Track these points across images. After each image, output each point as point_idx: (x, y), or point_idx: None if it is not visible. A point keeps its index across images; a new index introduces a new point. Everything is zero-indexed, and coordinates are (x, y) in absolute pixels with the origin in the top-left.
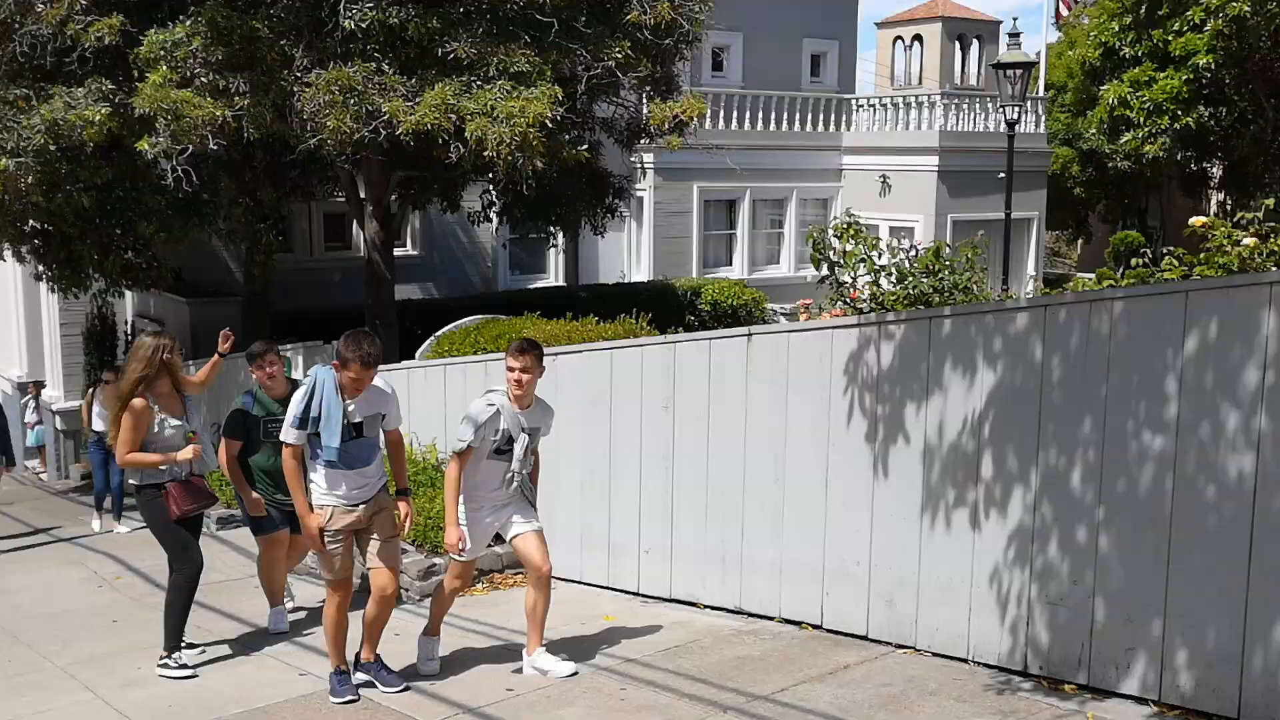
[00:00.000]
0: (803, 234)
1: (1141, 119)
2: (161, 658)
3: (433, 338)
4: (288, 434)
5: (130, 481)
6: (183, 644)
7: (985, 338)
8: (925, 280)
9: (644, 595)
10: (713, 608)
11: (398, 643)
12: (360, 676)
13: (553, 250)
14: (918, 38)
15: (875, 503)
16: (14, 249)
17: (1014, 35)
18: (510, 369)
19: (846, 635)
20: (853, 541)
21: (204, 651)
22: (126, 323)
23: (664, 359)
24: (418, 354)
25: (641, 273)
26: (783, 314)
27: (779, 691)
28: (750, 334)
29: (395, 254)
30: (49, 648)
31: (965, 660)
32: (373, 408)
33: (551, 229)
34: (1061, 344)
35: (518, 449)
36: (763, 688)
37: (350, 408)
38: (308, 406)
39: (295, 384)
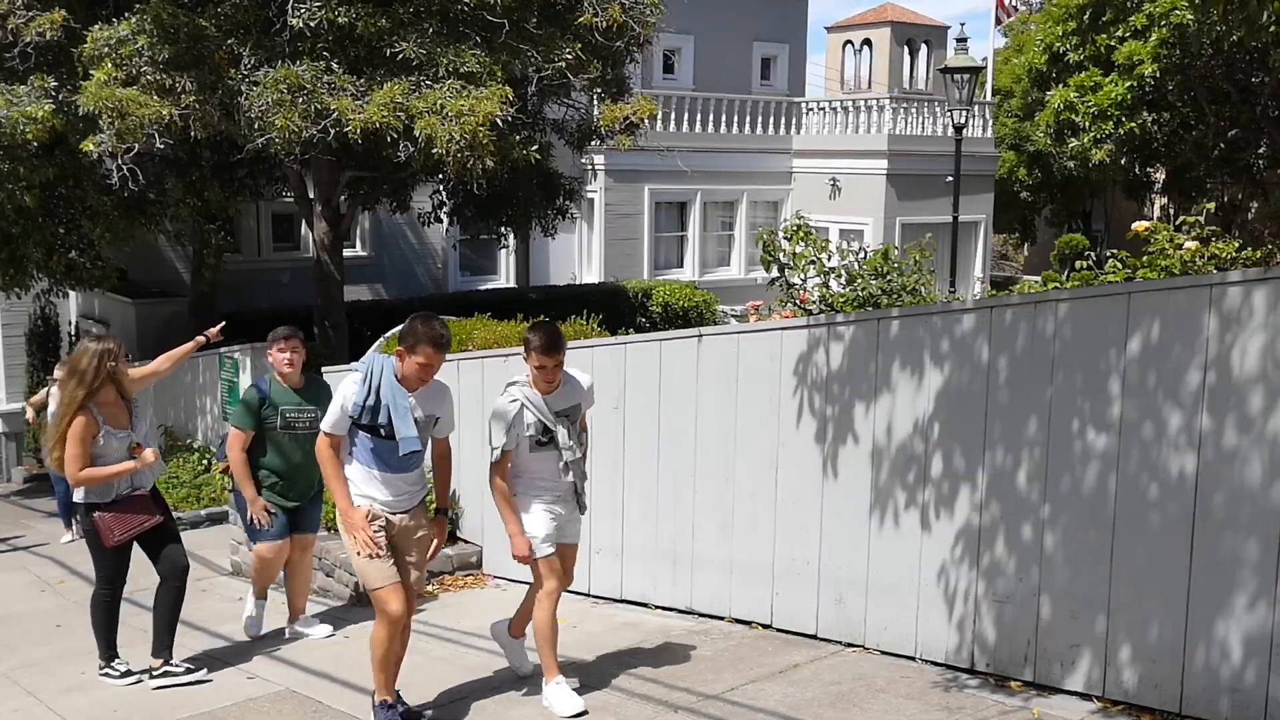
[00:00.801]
0: (753, 236)
1: (1087, 124)
2: (101, 667)
3: (382, 338)
4: (331, 422)
5: (74, 498)
6: (117, 651)
7: (933, 339)
8: (874, 282)
9: (595, 596)
10: (664, 608)
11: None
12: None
13: (503, 251)
14: (867, 42)
15: (825, 502)
16: None
17: (961, 40)
18: (540, 368)
19: (796, 634)
20: (802, 541)
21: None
22: (70, 323)
23: (615, 360)
24: (367, 354)
25: (592, 274)
26: (733, 316)
27: (729, 691)
28: (701, 335)
29: (345, 255)
30: None
31: (913, 658)
32: (430, 407)
33: (502, 230)
34: (1008, 345)
35: (561, 436)
36: (713, 687)
37: (410, 400)
38: (365, 394)
39: (312, 377)
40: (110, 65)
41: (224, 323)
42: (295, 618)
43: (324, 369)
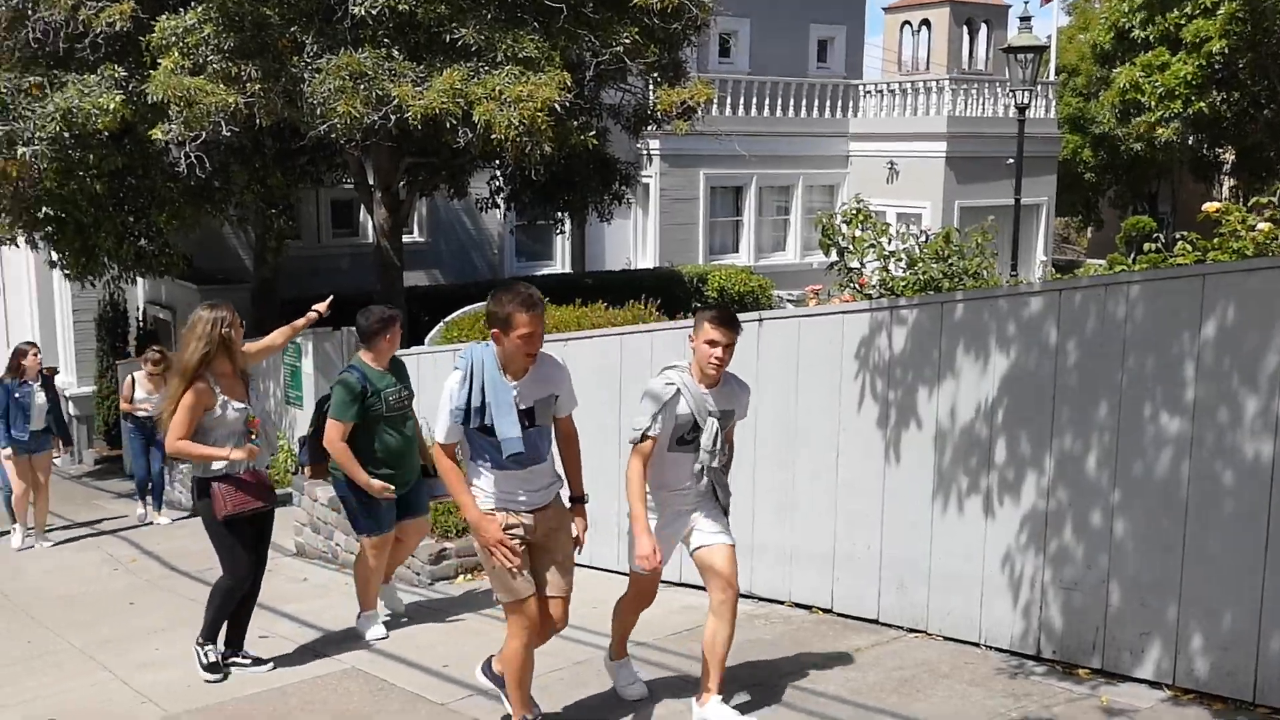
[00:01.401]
0: (809, 221)
1: (1153, 103)
2: (198, 640)
3: (441, 324)
4: (444, 430)
5: (184, 468)
6: (216, 642)
7: (999, 322)
8: (935, 266)
9: (664, 581)
10: None
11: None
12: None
13: (559, 237)
14: (925, 22)
15: (886, 487)
16: (28, 236)
17: (1024, 19)
18: (712, 343)
19: (857, 619)
20: (864, 526)
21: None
22: (138, 309)
23: (673, 345)
24: (426, 340)
25: (647, 259)
26: (789, 300)
27: (790, 674)
28: (761, 319)
29: (403, 240)
30: (67, 629)
31: (977, 644)
32: (544, 387)
33: (558, 215)
34: (1077, 328)
35: (705, 437)
36: (774, 671)
37: (516, 391)
38: (468, 395)
39: (396, 359)
40: (177, 54)
41: (331, 297)
42: (384, 580)
43: None
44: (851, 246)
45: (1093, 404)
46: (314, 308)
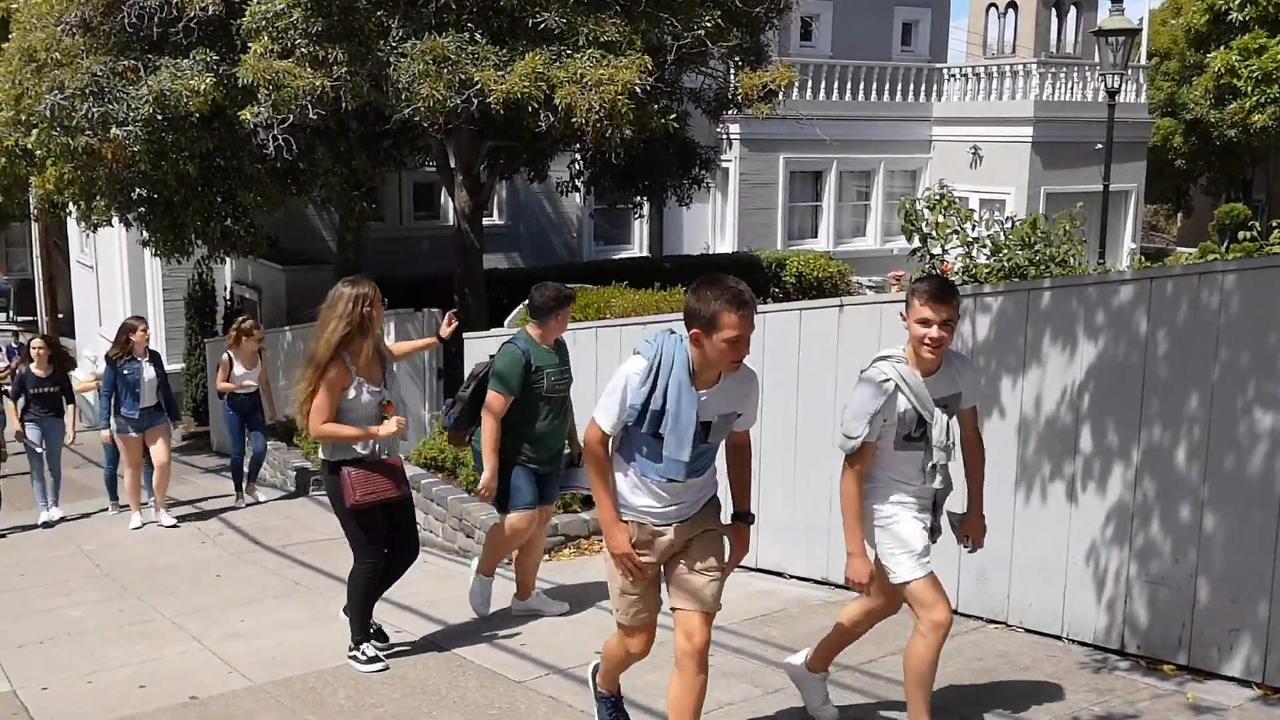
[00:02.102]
0: (890, 206)
1: (1250, 88)
2: (350, 648)
3: (520, 306)
4: (609, 417)
5: (320, 455)
6: (370, 636)
7: (1087, 310)
8: (1021, 253)
9: None
10: (799, 578)
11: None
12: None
13: (638, 221)
14: (1012, 4)
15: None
16: (121, 215)
17: (1116, 1)
18: (924, 322)
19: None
20: (943, 515)
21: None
22: (225, 289)
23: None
24: (505, 322)
25: (726, 244)
26: (869, 287)
27: (867, 662)
28: (842, 305)
29: (483, 223)
30: (157, 600)
31: (1059, 637)
32: (731, 401)
33: (637, 199)
34: (1168, 318)
35: (935, 431)
36: (851, 658)
37: (703, 398)
38: (649, 394)
39: (561, 342)
40: (267, 38)
41: (455, 325)
42: (526, 595)
43: (465, 335)
44: (934, 232)
45: (1183, 395)
46: (439, 333)
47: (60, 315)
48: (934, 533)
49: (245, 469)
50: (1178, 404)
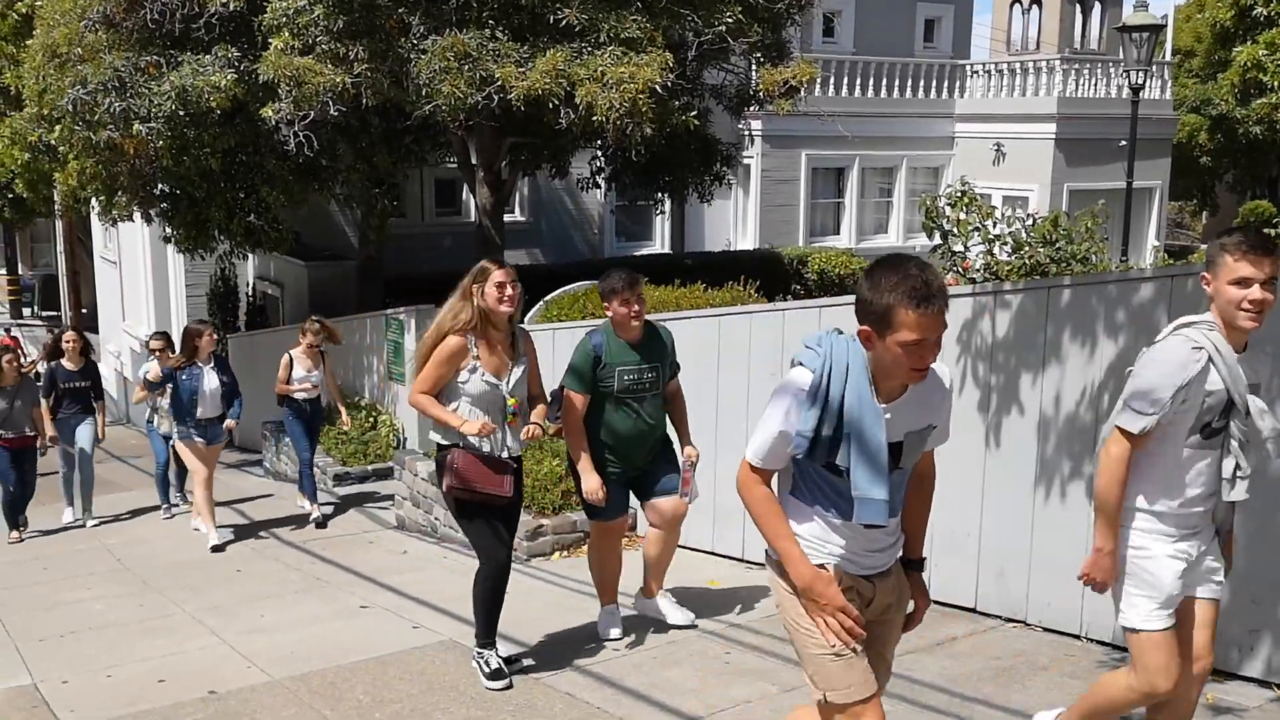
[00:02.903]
0: (912, 203)
1: (1276, 83)
2: (474, 652)
3: (541, 303)
4: (760, 450)
5: (431, 435)
6: (495, 644)
7: (1107, 308)
8: (1042, 250)
9: (748, 561)
10: None
11: None
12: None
13: (659, 217)
14: (1036, 0)
15: (987, 473)
16: (144, 211)
17: None
18: (1243, 281)
19: (954, 607)
20: (962, 512)
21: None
22: (248, 284)
23: (773, 327)
24: (525, 319)
25: (747, 241)
26: None
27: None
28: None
29: (505, 220)
30: (178, 594)
31: (1078, 637)
32: (922, 414)
33: (659, 196)
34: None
35: (1236, 426)
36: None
37: (888, 415)
38: (819, 417)
39: (652, 328)
40: (288, 35)
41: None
42: (649, 594)
43: None
44: (955, 229)
45: None
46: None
47: (84, 310)
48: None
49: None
50: None
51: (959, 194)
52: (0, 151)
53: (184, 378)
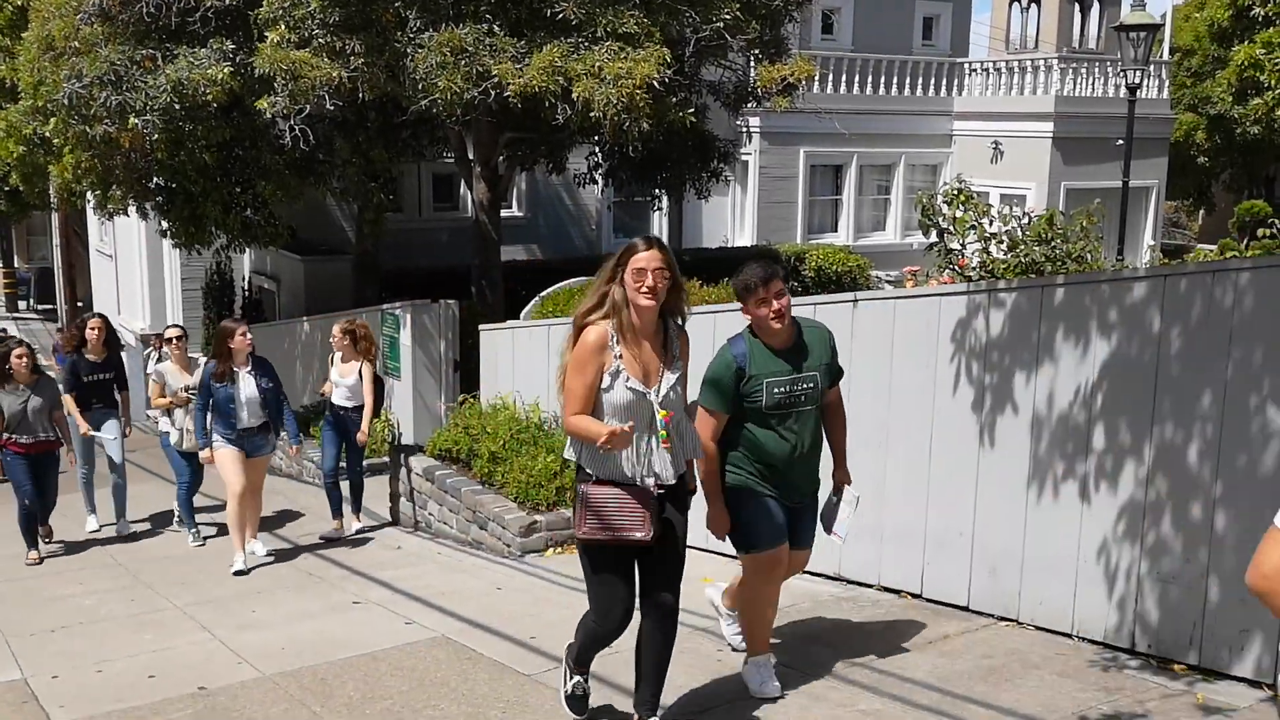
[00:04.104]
0: (910, 201)
1: (1273, 82)
2: (565, 668)
3: (537, 298)
4: None
5: (566, 455)
6: (585, 670)
7: (1100, 307)
8: (1038, 249)
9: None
10: (811, 573)
11: None
12: None
13: (656, 213)
14: None
15: (980, 472)
16: (139, 205)
17: None
18: None
19: (947, 605)
20: (956, 511)
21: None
22: (244, 279)
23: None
24: (522, 314)
25: (745, 237)
26: (888, 281)
27: (877, 659)
28: (856, 299)
29: (502, 215)
30: (169, 589)
31: (1070, 635)
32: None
33: (656, 192)
34: (1181, 316)
35: None
36: (861, 654)
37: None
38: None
39: (805, 324)
40: (284, 28)
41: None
42: (757, 652)
43: (480, 327)
44: (952, 227)
45: (1196, 393)
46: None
47: (80, 304)
48: None
49: (346, 493)
50: (1190, 402)
51: (956, 192)
52: None
53: (217, 384)
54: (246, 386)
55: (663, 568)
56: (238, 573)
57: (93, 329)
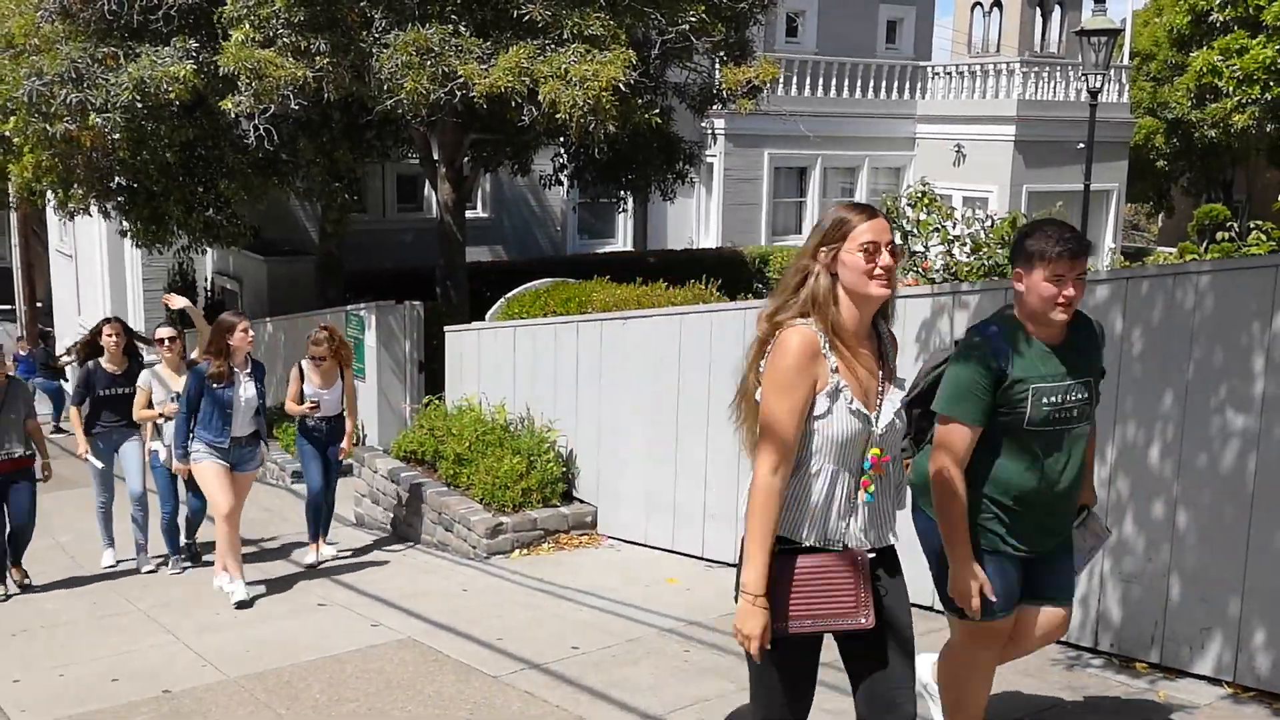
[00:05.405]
0: (874, 203)
1: (1231, 88)
2: None
3: (503, 300)
4: None
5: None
6: None
7: None
8: (1001, 251)
9: (708, 560)
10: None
11: None
12: None
13: (622, 215)
14: (997, 3)
15: None
16: (100, 205)
17: (1099, 1)
18: None
19: (913, 606)
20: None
21: None
22: (206, 279)
23: (735, 326)
24: (488, 316)
25: (710, 239)
26: None
27: (838, 659)
28: None
29: (467, 216)
30: (132, 592)
31: None
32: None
33: (621, 194)
34: (1143, 317)
35: None
36: (827, 654)
37: None
38: None
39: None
40: (248, 27)
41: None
42: None
43: (445, 328)
44: (916, 230)
45: (1157, 394)
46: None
47: (39, 304)
48: None
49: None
50: (1152, 402)
51: (919, 194)
52: None
53: (214, 385)
54: (245, 390)
55: (872, 650)
56: (240, 604)
57: (109, 335)
